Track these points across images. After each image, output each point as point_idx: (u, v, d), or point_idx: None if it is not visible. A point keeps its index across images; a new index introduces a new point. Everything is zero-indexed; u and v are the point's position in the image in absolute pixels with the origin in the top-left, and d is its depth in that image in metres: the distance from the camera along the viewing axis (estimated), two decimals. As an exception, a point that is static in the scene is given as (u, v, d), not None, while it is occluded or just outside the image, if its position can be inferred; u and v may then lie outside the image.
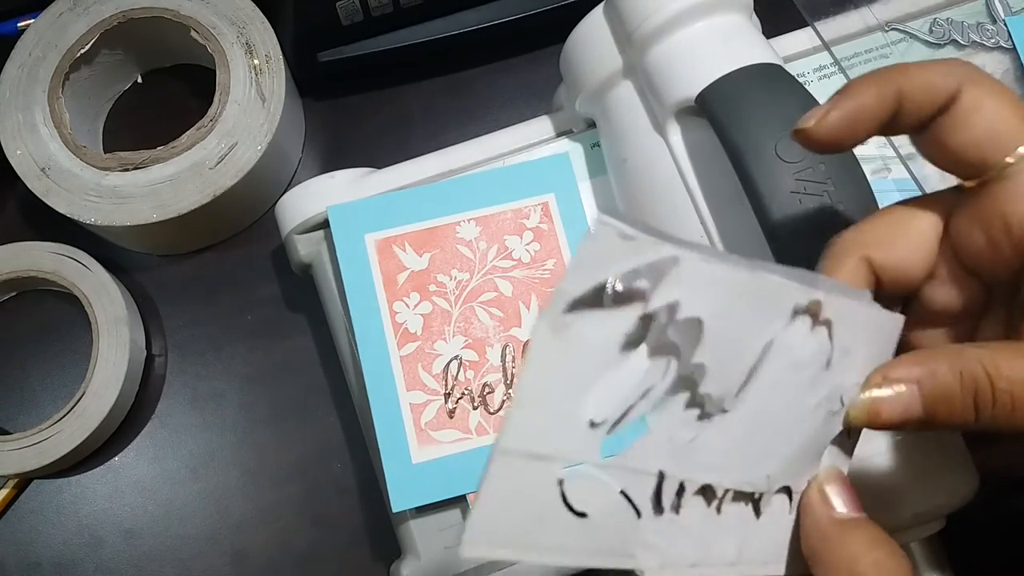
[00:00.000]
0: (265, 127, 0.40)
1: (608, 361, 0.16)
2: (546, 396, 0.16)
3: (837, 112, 0.22)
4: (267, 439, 0.41)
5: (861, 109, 0.22)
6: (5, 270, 0.40)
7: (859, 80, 0.22)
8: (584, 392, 0.16)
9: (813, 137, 0.22)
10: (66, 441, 0.38)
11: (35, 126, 0.40)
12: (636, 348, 0.16)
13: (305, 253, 0.38)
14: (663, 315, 0.16)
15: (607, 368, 0.16)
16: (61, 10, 0.42)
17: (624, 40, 0.33)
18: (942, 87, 0.21)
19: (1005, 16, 0.39)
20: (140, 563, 0.39)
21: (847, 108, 0.22)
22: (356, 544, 0.39)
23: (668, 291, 0.16)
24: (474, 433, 0.34)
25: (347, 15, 0.41)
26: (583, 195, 0.37)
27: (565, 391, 0.16)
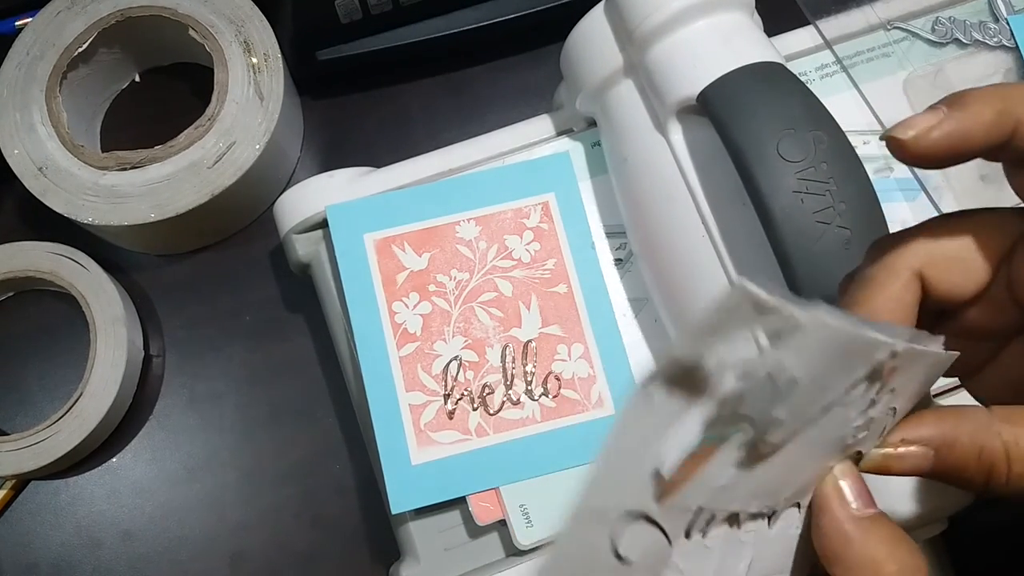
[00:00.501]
0: (263, 126, 0.40)
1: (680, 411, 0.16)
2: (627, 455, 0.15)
3: (942, 131, 0.20)
4: (266, 440, 0.40)
5: (971, 131, 0.20)
6: (2, 270, 0.40)
7: (974, 97, 0.20)
8: (656, 443, 0.16)
9: (909, 151, 0.20)
10: (64, 442, 0.38)
11: (32, 125, 0.40)
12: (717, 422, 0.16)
13: (304, 253, 0.38)
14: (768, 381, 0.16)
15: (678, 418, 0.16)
16: (59, 9, 0.42)
17: (625, 38, 0.33)
18: None
19: (1007, 15, 0.38)
20: (138, 564, 0.39)
21: (955, 128, 0.19)
22: (355, 545, 0.39)
23: (780, 357, 0.16)
24: (474, 434, 0.34)
25: (346, 13, 0.41)
26: (583, 194, 0.37)
27: (642, 447, 0.16)
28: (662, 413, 0.16)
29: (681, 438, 0.16)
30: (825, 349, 0.17)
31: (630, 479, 0.16)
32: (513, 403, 0.35)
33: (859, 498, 0.21)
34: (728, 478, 0.18)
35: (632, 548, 0.16)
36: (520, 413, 0.34)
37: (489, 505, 0.33)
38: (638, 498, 0.16)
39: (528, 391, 0.35)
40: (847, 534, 0.20)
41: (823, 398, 0.18)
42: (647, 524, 0.17)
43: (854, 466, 0.21)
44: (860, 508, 0.21)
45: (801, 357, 0.17)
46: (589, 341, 0.35)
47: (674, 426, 0.16)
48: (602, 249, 0.37)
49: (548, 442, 0.34)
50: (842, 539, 0.20)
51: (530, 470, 0.34)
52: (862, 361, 0.18)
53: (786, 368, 0.16)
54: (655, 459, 0.16)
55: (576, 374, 0.35)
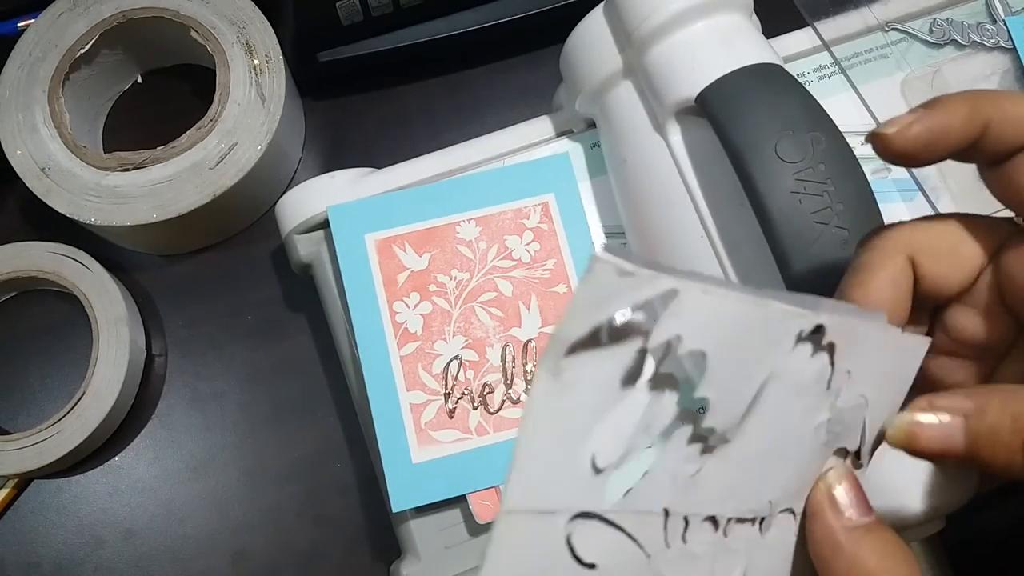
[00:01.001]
0: (265, 127, 0.40)
1: (608, 402, 0.16)
2: (548, 447, 0.15)
3: (921, 126, 0.21)
4: (267, 439, 0.41)
5: (947, 128, 0.21)
6: (5, 270, 0.40)
7: (949, 99, 0.21)
8: (586, 437, 0.16)
9: (890, 146, 0.21)
10: (66, 441, 0.38)
11: (35, 126, 0.40)
12: (635, 384, 0.16)
13: (305, 253, 0.38)
14: (663, 350, 0.16)
15: (608, 409, 0.16)
16: (61, 10, 0.42)
17: (624, 40, 0.33)
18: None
19: (1005, 16, 0.39)
20: (140, 563, 0.39)
21: (932, 124, 0.21)
22: (356, 543, 0.39)
23: (669, 325, 0.16)
24: (474, 433, 0.34)
25: (347, 15, 0.41)
26: (583, 195, 0.37)
27: (567, 439, 0.15)
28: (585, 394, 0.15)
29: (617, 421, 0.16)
30: (724, 321, 0.17)
31: (568, 476, 0.16)
32: (513, 402, 0.35)
33: (854, 505, 0.20)
34: (682, 474, 0.18)
35: (591, 551, 0.16)
36: (520, 412, 0.35)
37: (489, 503, 0.34)
38: (585, 497, 0.16)
39: (528, 390, 0.35)
40: (838, 543, 0.20)
41: (750, 376, 0.18)
42: (604, 525, 0.16)
43: (851, 470, 0.21)
44: (855, 516, 0.20)
45: (699, 328, 0.16)
46: (589, 341, 0.35)
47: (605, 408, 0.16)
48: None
49: (548, 441, 0.34)
50: (833, 548, 0.20)
51: (530, 469, 0.34)
52: (780, 333, 0.18)
53: (684, 339, 0.16)
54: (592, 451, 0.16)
55: (576, 373, 0.35)
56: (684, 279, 0.16)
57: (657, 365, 0.16)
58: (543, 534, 0.15)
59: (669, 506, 0.18)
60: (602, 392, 0.16)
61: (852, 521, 0.20)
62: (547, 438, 0.15)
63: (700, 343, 0.17)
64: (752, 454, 0.19)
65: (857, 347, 0.20)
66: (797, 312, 0.19)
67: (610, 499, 0.16)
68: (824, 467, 0.21)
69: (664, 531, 0.18)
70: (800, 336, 0.19)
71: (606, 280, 0.15)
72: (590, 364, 0.15)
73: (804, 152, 0.28)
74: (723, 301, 0.17)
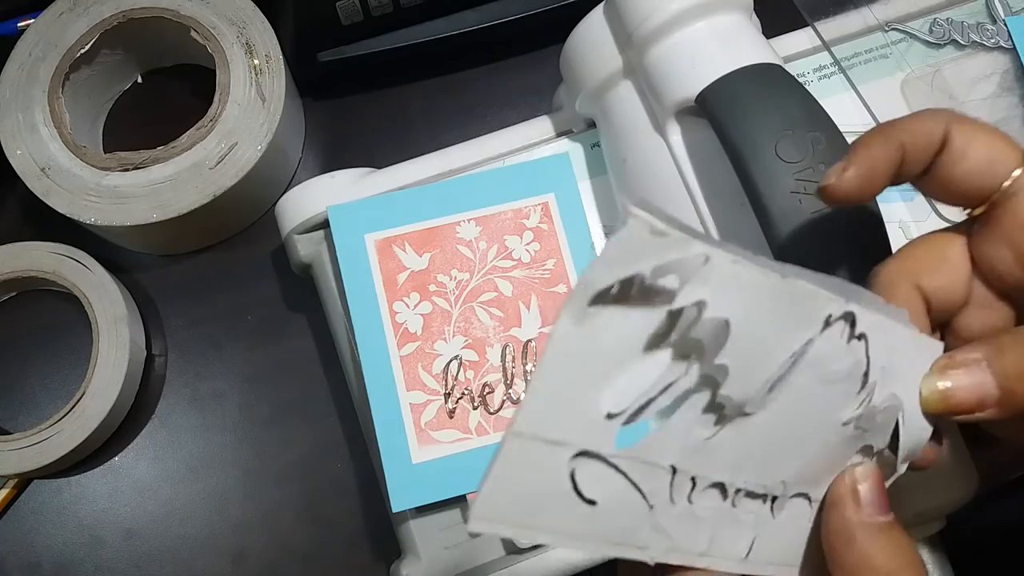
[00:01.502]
0: (265, 127, 0.40)
1: (630, 355, 0.16)
2: (564, 384, 0.15)
3: (853, 170, 0.23)
4: (267, 439, 0.41)
5: (873, 164, 0.23)
6: (5, 270, 0.40)
7: (865, 137, 0.24)
8: (603, 383, 0.16)
9: (836, 194, 0.23)
10: (66, 441, 0.38)
11: (35, 126, 0.40)
12: (659, 347, 0.16)
13: (305, 253, 0.38)
14: (690, 313, 0.16)
15: (628, 362, 0.16)
16: (61, 10, 0.42)
17: (624, 40, 0.33)
18: (935, 130, 0.23)
19: (1005, 16, 0.39)
20: (140, 563, 0.39)
21: (861, 165, 0.23)
22: (356, 543, 0.39)
23: (696, 290, 0.16)
24: (474, 433, 0.34)
25: (347, 15, 0.41)
26: (583, 195, 0.37)
27: (584, 381, 0.16)
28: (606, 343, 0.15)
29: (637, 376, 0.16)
30: (749, 292, 0.17)
31: (579, 414, 0.16)
32: (513, 402, 0.35)
33: (874, 504, 0.21)
34: (695, 437, 0.18)
35: (593, 488, 0.16)
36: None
37: (489, 504, 0.33)
38: (594, 438, 0.16)
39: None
40: (852, 536, 0.21)
41: (772, 351, 0.18)
42: (608, 467, 0.17)
43: (877, 471, 0.21)
44: (872, 514, 0.21)
45: (724, 297, 0.17)
46: (589, 341, 0.35)
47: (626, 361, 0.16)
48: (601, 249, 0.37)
49: (548, 441, 0.34)
50: (846, 540, 0.21)
51: (530, 469, 0.34)
52: (806, 313, 0.19)
53: (709, 305, 0.16)
54: (606, 397, 0.16)
55: (576, 373, 0.35)
56: (715, 246, 0.16)
57: (683, 329, 0.16)
58: (548, 463, 0.16)
59: (677, 464, 0.18)
60: (625, 347, 0.16)
61: (870, 517, 0.21)
62: (563, 375, 0.15)
63: (724, 311, 0.17)
64: (771, 431, 0.19)
65: (888, 344, 0.21)
66: (825, 295, 0.19)
67: (617, 445, 0.17)
68: (848, 462, 0.22)
69: (670, 487, 0.18)
70: (828, 321, 0.19)
71: (639, 236, 0.15)
72: (616, 318, 0.15)
73: (804, 152, 0.28)
74: (751, 273, 0.17)
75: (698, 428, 0.18)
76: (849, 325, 0.19)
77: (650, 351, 0.16)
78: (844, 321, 0.19)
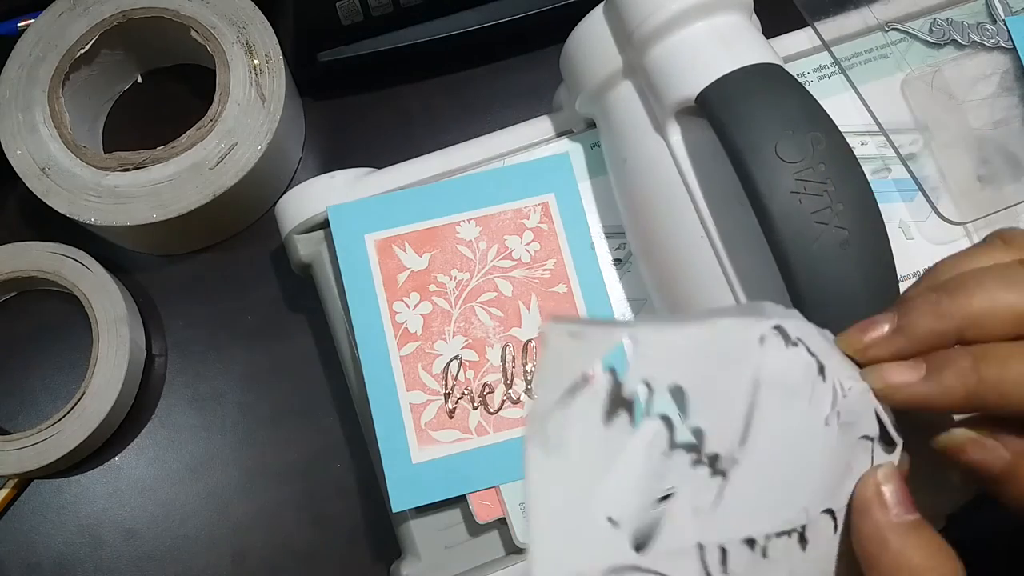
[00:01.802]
0: (265, 127, 0.40)
1: (600, 451, 0.16)
2: (559, 514, 0.15)
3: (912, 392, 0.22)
4: (267, 439, 0.41)
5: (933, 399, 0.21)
6: (5, 270, 0.40)
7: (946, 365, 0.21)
8: (592, 495, 0.16)
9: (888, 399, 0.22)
10: (66, 441, 0.38)
11: (35, 126, 0.40)
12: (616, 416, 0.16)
13: (305, 253, 0.38)
14: (642, 394, 0.17)
15: (604, 462, 0.16)
16: (61, 10, 0.42)
17: (624, 40, 0.33)
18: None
19: (1005, 16, 0.39)
20: (140, 563, 0.39)
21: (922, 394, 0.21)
22: (356, 543, 0.39)
23: (637, 371, 0.16)
24: (474, 433, 0.34)
25: (347, 15, 0.41)
26: (583, 195, 0.37)
27: (575, 502, 0.16)
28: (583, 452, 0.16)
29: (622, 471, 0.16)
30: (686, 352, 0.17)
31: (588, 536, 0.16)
32: (513, 402, 0.35)
33: (900, 503, 0.21)
34: (703, 504, 0.18)
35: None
36: (520, 412, 0.35)
37: (489, 503, 0.34)
38: (612, 553, 0.16)
39: (528, 390, 0.35)
40: (885, 539, 0.20)
41: (732, 395, 0.18)
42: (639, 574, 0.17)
43: (897, 470, 0.21)
44: (900, 514, 0.21)
45: (664, 366, 0.17)
46: (589, 341, 0.35)
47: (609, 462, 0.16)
48: (601, 249, 0.37)
49: (548, 441, 0.34)
50: (880, 544, 0.20)
51: (530, 469, 0.34)
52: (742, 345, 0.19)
53: (655, 378, 0.17)
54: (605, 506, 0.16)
55: (576, 373, 0.35)
56: (634, 326, 0.17)
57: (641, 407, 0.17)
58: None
59: (701, 539, 0.18)
60: (591, 442, 0.16)
61: (898, 518, 0.21)
62: (554, 506, 0.15)
63: (672, 378, 0.17)
64: (769, 466, 0.19)
65: (820, 346, 0.21)
66: (748, 320, 0.19)
67: (637, 548, 0.17)
68: (856, 459, 0.21)
69: (703, 565, 0.18)
70: (762, 339, 0.19)
71: (562, 347, 0.15)
72: (569, 420, 0.15)
73: (804, 152, 0.28)
74: (677, 334, 0.17)
75: (700, 494, 0.18)
76: (782, 336, 0.20)
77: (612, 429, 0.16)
78: (776, 334, 0.19)
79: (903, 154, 0.36)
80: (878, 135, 0.37)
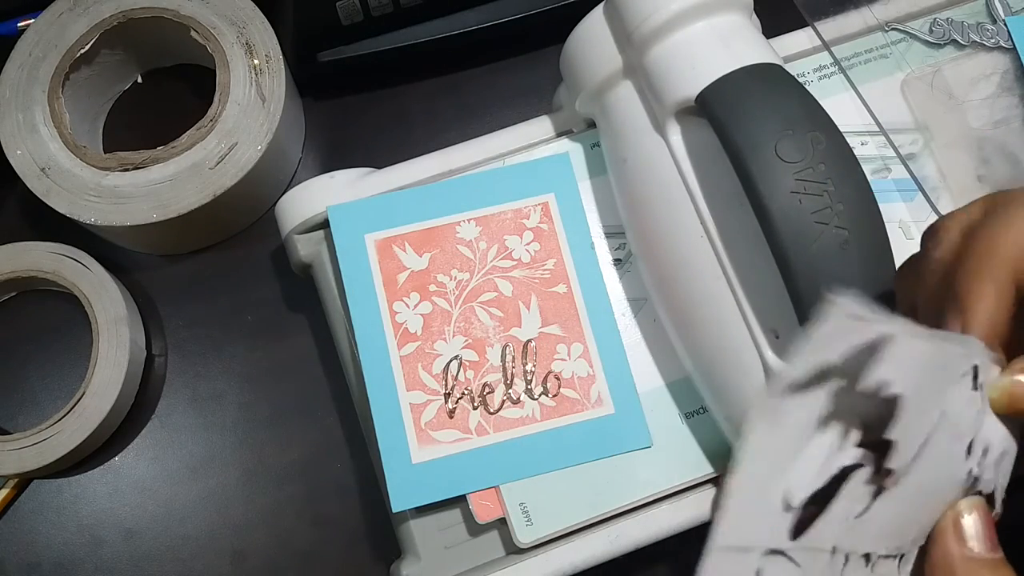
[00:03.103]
0: (265, 127, 0.40)
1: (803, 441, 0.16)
2: (756, 486, 0.16)
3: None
4: (267, 439, 0.41)
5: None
6: (5, 270, 0.40)
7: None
8: (783, 475, 0.16)
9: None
10: (66, 441, 0.38)
11: (35, 126, 0.40)
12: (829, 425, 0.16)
13: (305, 253, 0.38)
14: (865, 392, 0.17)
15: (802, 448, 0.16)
16: (61, 10, 0.42)
17: (624, 40, 0.33)
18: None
19: (1005, 16, 0.39)
20: (140, 563, 0.39)
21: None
22: (356, 543, 0.39)
23: (880, 370, 0.17)
24: (474, 433, 0.34)
25: (347, 15, 0.41)
26: (583, 195, 0.37)
27: (768, 478, 0.16)
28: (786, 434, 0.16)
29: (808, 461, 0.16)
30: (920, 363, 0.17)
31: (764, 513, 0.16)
32: (513, 402, 0.35)
33: (979, 539, 0.20)
34: (852, 514, 0.18)
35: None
36: (520, 412, 0.35)
37: (489, 503, 0.34)
38: (774, 534, 0.16)
39: (528, 390, 0.35)
40: (952, 570, 0.19)
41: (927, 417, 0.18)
42: (787, 561, 0.17)
43: (983, 503, 0.21)
44: (980, 550, 0.20)
45: (902, 373, 0.17)
46: (588, 341, 0.35)
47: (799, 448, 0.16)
48: (601, 249, 0.37)
49: (548, 441, 0.34)
50: (947, 573, 0.19)
51: (530, 469, 0.34)
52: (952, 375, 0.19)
53: (888, 382, 0.17)
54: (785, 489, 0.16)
55: (576, 373, 0.35)
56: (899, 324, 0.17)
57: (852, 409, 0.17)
58: (737, 570, 0.16)
59: (837, 544, 0.18)
60: (802, 432, 0.16)
61: (974, 553, 0.20)
62: (754, 478, 0.16)
63: (901, 387, 0.17)
64: (913, 495, 0.19)
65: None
66: (962, 351, 0.19)
67: (794, 536, 0.17)
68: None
69: (829, 568, 0.18)
70: (963, 375, 0.19)
71: (837, 323, 0.15)
72: (798, 405, 0.16)
73: (804, 152, 0.28)
74: (923, 345, 0.17)
75: (856, 504, 0.18)
76: (973, 377, 0.19)
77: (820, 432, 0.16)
78: (970, 373, 0.19)
79: (903, 154, 0.36)
80: (878, 135, 0.37)
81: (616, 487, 0.34)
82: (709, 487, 0.34)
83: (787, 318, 0.28)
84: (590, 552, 0.33)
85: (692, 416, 0.35)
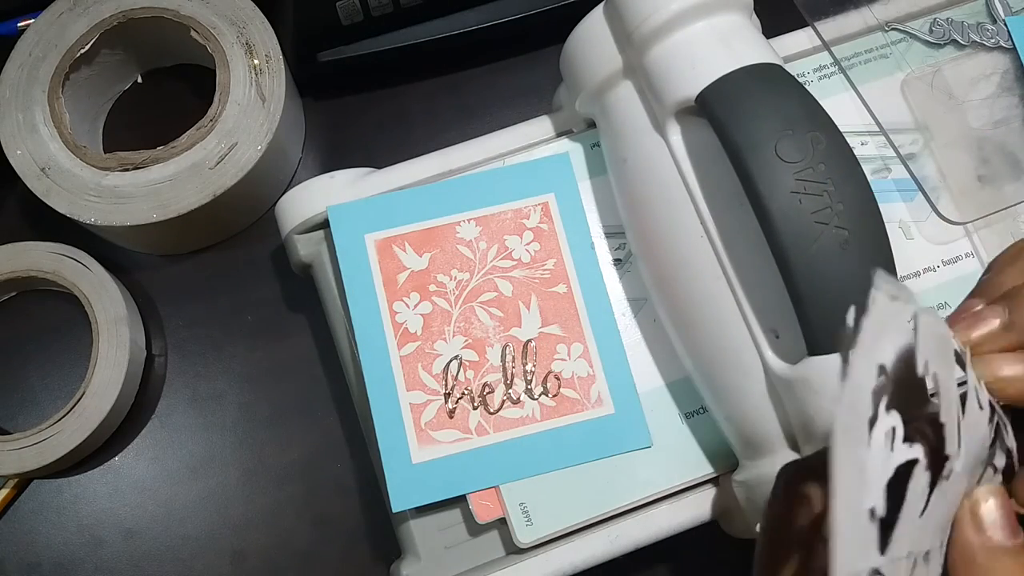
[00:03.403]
0: (265, 127, 0.40)
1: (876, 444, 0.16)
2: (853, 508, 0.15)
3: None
4: (267, 439, 0.41)
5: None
6: (5, 270, 0.40)
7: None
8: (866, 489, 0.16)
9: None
10: (66, 441, 0.38)
11: (35, 126, 0.40)
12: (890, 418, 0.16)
13: (305, 253, 0.38)
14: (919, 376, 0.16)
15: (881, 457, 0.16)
16: (61, 10, 0.42)
17: (624, 40, 0.33)
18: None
19: (1005, 16, 0.39)
20: (140, 563, 0.39)
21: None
22: (356, 543, 0.39)
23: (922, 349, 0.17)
24: (474, 433, 0.34)
25: (347, 15, 0.41)
26: (583, 195, 0.37)
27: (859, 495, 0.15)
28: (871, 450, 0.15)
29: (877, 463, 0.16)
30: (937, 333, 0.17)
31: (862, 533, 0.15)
32: (513, 402, 0.35)
33: (1000, 526, 0.20)
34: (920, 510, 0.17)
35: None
36: (520, 412, 0.35)
37: (489, 503, 0.34)
38: (869, 553, 0.16)
39: (528, 390, 0.35)
40: (972, 557, 0.19)
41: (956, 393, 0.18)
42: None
43: (1002, 490, 0.20)
44: (998, 537, 0.19)
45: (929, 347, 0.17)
46: (588, 341, 0.35)
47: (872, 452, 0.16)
48: (601, 249, 0.37)
49: (548, 441, 0.34)
50: (965, 561, 0.19)
51: (530, 468, 0.34)
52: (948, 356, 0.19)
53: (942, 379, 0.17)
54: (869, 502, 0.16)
55: (576, 373, 0.35)
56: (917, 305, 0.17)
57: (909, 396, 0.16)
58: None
59: (912, 548, 0.17)
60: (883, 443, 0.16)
61: (993, 541, 0.19)
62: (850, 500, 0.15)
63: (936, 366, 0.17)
64: (956, 486, 0.19)
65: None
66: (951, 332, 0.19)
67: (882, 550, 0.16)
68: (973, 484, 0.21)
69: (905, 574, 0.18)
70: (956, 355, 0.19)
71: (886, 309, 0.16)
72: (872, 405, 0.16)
73: (804, 152, 0.28)
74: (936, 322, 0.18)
75: (918, 503, 0.17)
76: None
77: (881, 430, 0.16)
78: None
79: (903, 154, 0.36)
80: (878, 135, 0.37)
81: (616, 487, 0.34)
82: (709, 487, 0.34)
83: (787, 318, 0.28)
84: (590, 552, 0.33)
85: (692, 416, 0.35)
